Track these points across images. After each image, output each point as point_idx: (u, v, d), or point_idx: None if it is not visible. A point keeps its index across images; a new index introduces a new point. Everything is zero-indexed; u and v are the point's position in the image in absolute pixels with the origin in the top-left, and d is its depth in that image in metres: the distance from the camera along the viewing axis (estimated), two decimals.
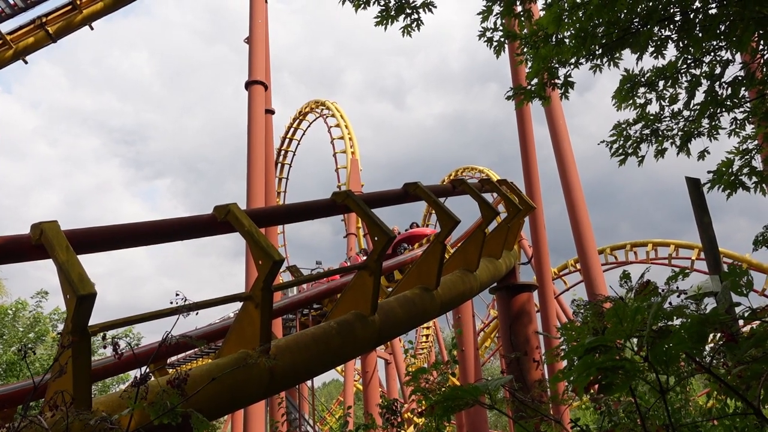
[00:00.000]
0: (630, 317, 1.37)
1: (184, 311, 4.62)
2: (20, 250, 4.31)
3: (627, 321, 1.37)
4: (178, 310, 4.47)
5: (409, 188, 7.69)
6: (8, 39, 19.55)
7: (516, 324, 11.33)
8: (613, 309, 1.40)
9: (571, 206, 17.15)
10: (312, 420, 23.97)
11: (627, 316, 1.37)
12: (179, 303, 2.27)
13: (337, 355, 6.22)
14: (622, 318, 1.37)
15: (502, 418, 49.79)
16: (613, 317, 1.38)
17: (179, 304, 2.28)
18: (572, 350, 1.42)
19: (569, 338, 1.58)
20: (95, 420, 1.85)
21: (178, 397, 2.00)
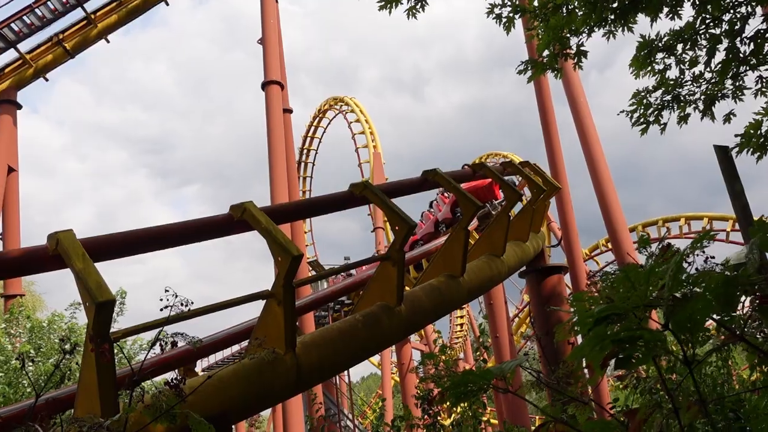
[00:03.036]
0: (643, 280, 1.23)
1: (204, 313, 4.60)
2: (38, 261, 4.31)
3: (640, 285, 1.24)
4: (198, 312, 4.45)
5: (428, 175, 7.57)
6: (28, 58, 19.85)
7: (547, 306, 11.14)
8: (624, 272, 1.27)
9: (598, 184, 16.85)
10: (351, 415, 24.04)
11: (640, 280, 1.24)
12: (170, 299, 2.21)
13: (365, 348, 6.15)
14: (635, 282, 1.24)
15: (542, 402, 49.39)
16: (624, 282, 1.26)
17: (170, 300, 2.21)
18: (580, 322, 1.29)
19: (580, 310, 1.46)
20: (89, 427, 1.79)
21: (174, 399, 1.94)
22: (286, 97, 21.19)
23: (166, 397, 1.95)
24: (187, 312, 4.41)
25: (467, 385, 1.60)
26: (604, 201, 16.61)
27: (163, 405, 1.92)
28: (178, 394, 1.98)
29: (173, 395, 1.97)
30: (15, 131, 19.93)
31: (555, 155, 17.77)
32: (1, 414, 4.67)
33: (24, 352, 10.67)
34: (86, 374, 3.83)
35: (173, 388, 1.99)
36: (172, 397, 1.96)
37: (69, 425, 1.87)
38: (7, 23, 19.18)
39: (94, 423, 1.78)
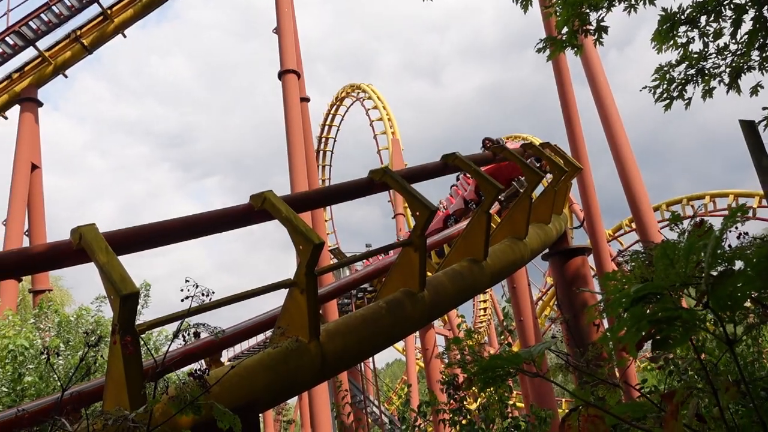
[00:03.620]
0: (683, 257, 1.17)
1: (228, 303, 4.61)
2: (62, 256, 4.34)
3: (679, 262, 1.18)
4: (221, 303, 4.46)
5: (448, 159, 7.50)
6: (47, 55, 20.03)
7: (572, 289, 11.03)
8: (662, 249, 1.21)
9: (620, 163, 16.58)
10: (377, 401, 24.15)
11: (680, 257, 1.17)
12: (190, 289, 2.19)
13: (389, 335, 6.13)
14: (674, 259, 1.18)
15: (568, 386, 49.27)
16: (662, 259, 1.20)
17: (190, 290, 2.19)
18: (615, 302, 1.24)
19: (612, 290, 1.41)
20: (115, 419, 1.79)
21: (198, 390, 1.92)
22: (303, 86, 21.15)
23: (191, 389, 1.94)
24: (210, 303, 4.41)
25: (495, 369, 1.56)
26: (627, 180, 16.37)
27: (187, 396, 1.91)
28: (202, 385, 1.97)
29: (197, 386, 1.96)
30: (37, 129, 20.16)
31: (575, 135, 17.52)
32: (27, 409, 4.72)
33: (49, 347, 10.82)
34: (113, 366, 3.86)
35: (197, 379, 1.98)
36: (197, 388, 1.95)
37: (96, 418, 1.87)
38: (25, 21, 19.35)
39: (119, 415, 1.78)
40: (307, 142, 19.94)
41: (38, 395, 9.95)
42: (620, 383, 2.73)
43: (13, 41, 19.71)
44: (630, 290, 1.19)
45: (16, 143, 19.53)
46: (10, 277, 10.22)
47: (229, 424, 1.97)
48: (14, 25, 19.37)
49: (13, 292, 17.48)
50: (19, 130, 19.70)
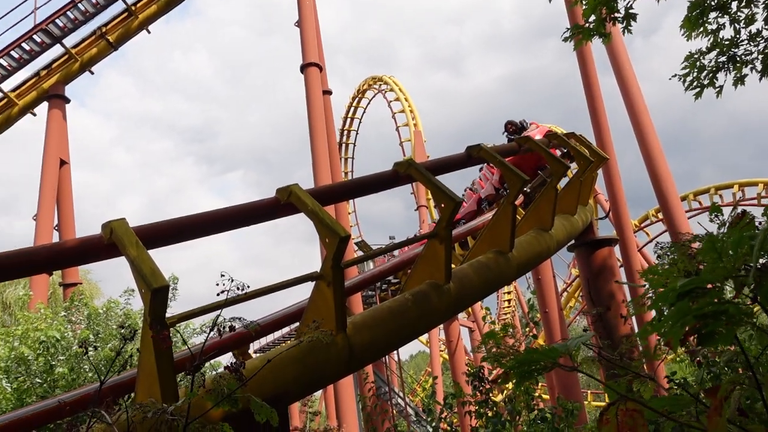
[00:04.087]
0: (732, 250, 1.15)
1: (256, 296, 4.64)
2: (94, 250, 4.40)
3: (728, 255, 1.15)
4: (251, 295, 4.49)
5: (472, 151, 7.46)
6: (73, 52, 20.30)
7: (598, 280, 10.93)
8: (709, 242, 1.18)
9: (647, 152, 16.36)
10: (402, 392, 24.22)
11: (727, 250, 1.15)
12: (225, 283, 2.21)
13: (415, 327, 6.14)
14: (722, 252, 1.15)
15: None
16: (709, 252, 1.17)
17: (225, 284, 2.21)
18: (661, 297, 1.22)
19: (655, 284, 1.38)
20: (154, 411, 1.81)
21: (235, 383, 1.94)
22: (325, 79, 21.18)
23: (227, 381, 1.96)
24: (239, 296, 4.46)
25: (532, 363, 1.55)
26: (654, 170, 16.15)
27: (224, 389, 1.93)
28: (238, 377, 1.99)
29: (233, 379, 1.98)
30: (65, 125, 20.47)
31: (600, 125, 17.33)
32: (64, 399, 4.82)
33: (86, 339, 11.00)
34: (145, 359, 3.92)
35: (233, 371, 2.00)
36: (233, 381, 1.97)
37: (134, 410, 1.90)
38: (51, 19, 19.62)
39: (157, 408, 1.80)
40: (329, 135, 20.00)
41: (69, 387, 10.13)
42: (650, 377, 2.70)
43: (41, 39, 20.00)
44: (676, 284, 1.17)
45: (45, 140, 19.85)
46: (43, 271, 10.43)
47: (266, 416, 1.99)
48: (41, 23, 19.66)
49: (44, 286, 17.83)
50: (47, 126, 20.02)
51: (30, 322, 11.30)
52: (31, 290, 16.88)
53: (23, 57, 20.13)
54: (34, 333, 10.79)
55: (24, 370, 10.49)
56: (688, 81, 5.34)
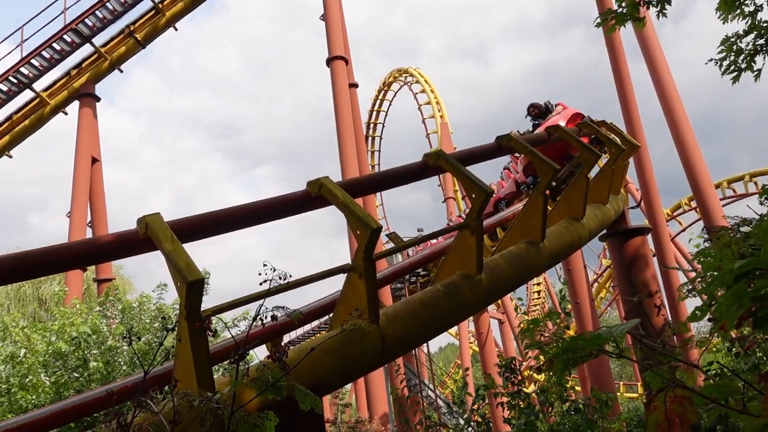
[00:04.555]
0: None
1: (289, 288, 4.66)
2: (130, 245, 4.46)
3: None
4: (282, 288, 4.52)
5: (502, 141, 7.40)
6: (102, 51, 20.61)
7: (632, 270, 10.78)
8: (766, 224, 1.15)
9: (679, 139, 16.07)
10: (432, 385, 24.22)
11: None
12: (268, 273, 2.22)
13: (447, 318, 6.11)
14: None
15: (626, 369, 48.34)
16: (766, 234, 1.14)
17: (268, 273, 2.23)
18: (717, 279, 1.19)
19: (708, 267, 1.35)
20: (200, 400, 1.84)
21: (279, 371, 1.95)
22: (351, 72, 21.20)
23: (271, 371, 1.98)
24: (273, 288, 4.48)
25: (577, 350, 1.53)
26: (687, 157, 15.86)
27: (269, 378, 1.95)
28: (282, 367, 2.00)
29: (277, 368, 2.00)
30: (96, 123, 20.81)
31: (631, 112, 17.07)
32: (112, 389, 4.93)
33: (128, 330, 11.18)
34: (181, 351, 3.97)
35: (276, 360, 2.02)
36: (277, 370, 1.99)
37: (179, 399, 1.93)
38: (81, 19, 19.94)
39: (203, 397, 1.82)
40: (356, 128, 20.02)
41: (104, 380, 10.32)
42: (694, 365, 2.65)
43: (71, 39, 20.34)
44: (733, 266, 1.14)
45: (77, 138, 20.21)
46: (84, 265, 10.64)
47: (311, 404, 2.00)
48: (71, 23, 19.99)
49: (78, 282, 18.19)
50: (78, 125, 20.39)
51: (66, 317, 11.54)
52: (66, 286, 17.23)
53: (54, 57, 20.51)
54: (70, 328, 11.01)
55: (61, 364, 10.72)
56: (725, 65, 5.21)
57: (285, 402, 2.27)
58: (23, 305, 30.66)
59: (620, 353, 1.61)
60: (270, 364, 2.05)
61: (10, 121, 21.03)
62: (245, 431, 1.83)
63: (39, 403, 9.80)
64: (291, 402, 2.37)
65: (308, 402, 2.01)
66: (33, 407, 9.67)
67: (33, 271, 4.19)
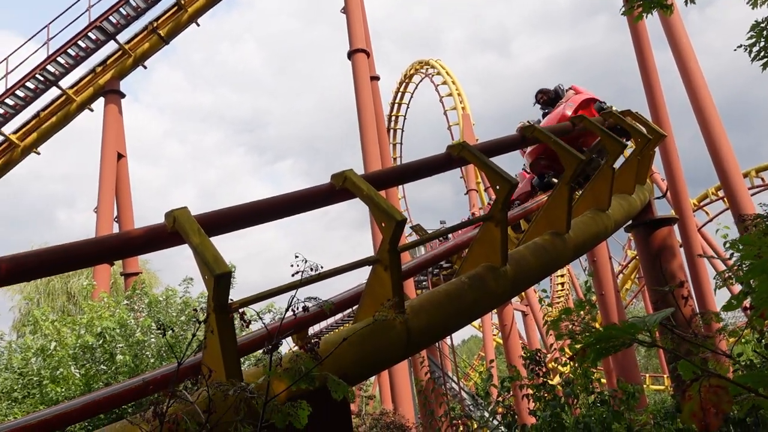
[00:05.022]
0: None
1: (315, 281, 4.69)
2: (159, 239, 4.51)
3: None
4: (309, 280, 4.54)
5: (526, 132, 7.34)
6: (126, 48, 20.85)
7: (658, 260, 10.65)
8: None
9: (706, 128, 15.81)
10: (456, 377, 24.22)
11: None
12: (299, 264, 2.24)
13: (473, 310, 6.10)
14: None
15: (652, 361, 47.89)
16: None
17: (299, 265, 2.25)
18: (757, 267, 1.18)
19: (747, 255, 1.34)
20: (234, 389, 1.86)
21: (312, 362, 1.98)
22: (373, 65, 21.18)
23: (303, 361, 2.00)
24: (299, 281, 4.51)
25: (610, 339, 1.52)
26: (714, 146, 15.60)
27: (302, 368, 1.97)
28: (315, 357, 2.03)
29: (309, 358, 2.02)
30: (121, 119, 21.08)
31: (656, 101, 16.84)
32: (146, 378, 5.03)
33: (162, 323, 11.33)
34: (209, 343, 4.01)
35: (309, 351, 2.04)
36: (309, 360, 2.01)
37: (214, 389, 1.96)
38: (105, 16, 20.18)
39: (239, 386, 1.85)
40: (378, 120, 20.02)
41: (132, 373, 10.47)
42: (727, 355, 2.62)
43: (95, 36, 20.60)
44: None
45: (102, 134, 20.50)
46: (115, 259, 10.80)
47: (343, 394, 2.02)
48: (95, 20, 20.24)
49: (106, 276, 18.48)
50: (104, 121, 20.67)
51: (94, 311, 11.74)
52: (94, 280, 17.52)
53: (79, 54, 20.79)
54: (98, 321, 11.20)
55: (89, 357, 10.92)
56: (755, 51, 5.11)
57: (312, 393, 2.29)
58: (52, 299, 31.29)
59: (653, 343, 1.60)
60: (302, 355, 2.07)
61: (37, 118, 21.38)
62: (279, 420, 1.86)
63: (69, 395, 9.99)
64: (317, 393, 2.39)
65: (341, 391, 2.03)
66: (63, 399, 9.87)
67: (67, 265, 4.26)
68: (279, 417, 1.86)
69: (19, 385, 10.78)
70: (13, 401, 10.54)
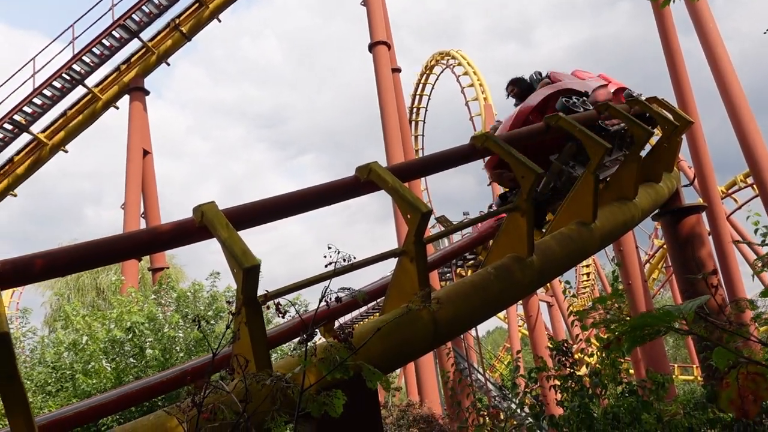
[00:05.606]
0: None
1: (341, 273, 4.71)
2: (188, 233, 4.56)
3: None
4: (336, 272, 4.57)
5: (550, 121, 7.26)
6: (150, 45, 21.07)
7: (687, 249, 10.51)
8: None
9: (734, 113, 15.53)
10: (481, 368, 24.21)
11: None
12: (333, 255, 2.26)
13: (499, 301, 6.09)
14: None
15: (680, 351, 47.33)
16: None
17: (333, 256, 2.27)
18: None
19: None
20: (271, 379, 1.89)
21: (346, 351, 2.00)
22: (394, 57, 21.14)
23: (338, 351, 2.03)
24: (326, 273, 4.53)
25: (645, 327, 1.51)
26: (742, 132, 15.32)
27: (336, 358, 2.00)
28: (349, 347, 2.05)
29: (344, 348, 2.04)
30: (146, 116, 21.34)
31: (682, 87, 16.59)
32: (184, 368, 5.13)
33: (198, 315, 11.46)
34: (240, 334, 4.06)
35: (343, 341, 2.06)
36: (343, 350, 2.03)
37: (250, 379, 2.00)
38: (128, 15, 20.40)
39: (275, 375, 1.88)
40: (400, 113, 20.00)
41: (161, 367, 10.63)
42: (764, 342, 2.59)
43: (119, 34, 20.84)
44: None
45: (128, 131, 20.78)
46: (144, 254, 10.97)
47: (378, 381, 2.04)
48: (119, 19, 20.47)
49: (134, 271, 18.77)
50: (129, 118, 20.94)
51: (123, 305, 11.93)
52: (122, 275, 17.80)
53: (104, 53, 21.06)
54: (128, 316, 11.39)
55: (119, 351, 11.11)
56: None
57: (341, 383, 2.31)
58: (82, 294, 31.88)
59: (690, 330, 1.59)
60: (336, 345, 2.09)
61: (64, 117, 21.72)
62: (315, 409, 1.89)
63: (101, 388, 10.19)
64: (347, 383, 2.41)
65: (376, 380, 2.05)
66: (95, 392, 10.06)
67: (100, 260, 4.35)
68: (315, 406, 1.89)
69: (52, 379, 11.02)
70: (47, 394, 10.78)
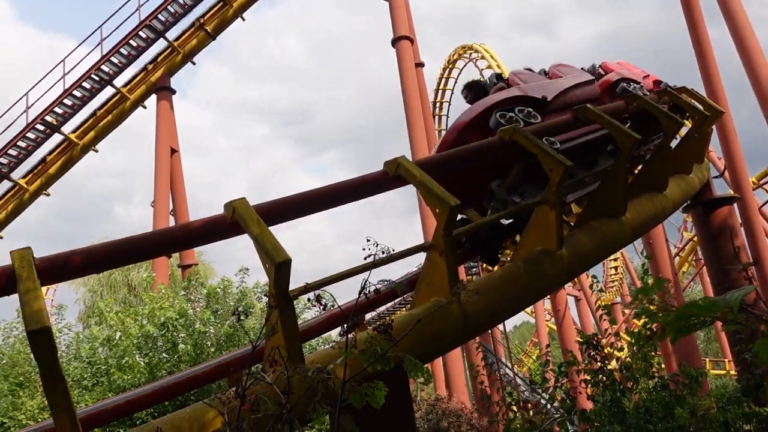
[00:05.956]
0: None
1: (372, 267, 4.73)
2: (219, 229, 4.61)
3: None
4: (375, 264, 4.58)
5: (578, 113, 7.20)
6: (175, 45, 21.31)
7: (719, 241, 10.35)
8: None
9: (765, 103, 15.23)
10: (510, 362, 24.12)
11: None
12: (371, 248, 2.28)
13: (528, 295, 6.07)
14: None
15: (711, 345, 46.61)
16: None
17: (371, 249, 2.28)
18: None
19: None
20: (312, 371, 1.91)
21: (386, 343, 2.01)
22: (417, 52, 21.09)
23: (378, 342, 2.04)
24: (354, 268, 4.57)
25: (690, 318, 1.50)
26: None
27: (377, 349, 2.02)
28: (389, 338, 2.07)
29: (384, 340, 2.06)
30: (173, 115, 21.60)
31: (711, 76, 16.30)
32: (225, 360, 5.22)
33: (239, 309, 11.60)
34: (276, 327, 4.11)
35: (383, 332, 2.08)
36: (384, 342, 2.05)
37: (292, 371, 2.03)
38: (155, 15, 20.64)
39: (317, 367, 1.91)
40: (424, 107, 19.98)
41: (193, 362, 10.77)
42: None
43: (146, 35, 21.11)
44: None
45: (156, 130, 21.06)
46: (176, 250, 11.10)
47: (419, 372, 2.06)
48: (145, 19, 20.73)
49: (164, 268, 19.03)
50: (157, 117, 21.22)
51: (154, 302, 12.11)
52: (153, 272, 18.05)
53: (131, 53, 21.34)
54: (159, 312, 11.56)
55: (152, 346, 11.29)
56: None
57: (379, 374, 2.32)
58: (114, 291, 32.44)
59: (735, 320, 1.57)
60: (377, 336, 2.11)
61: (94, 117, 22.08)
62: (356, 400, 1.91)
63: (135, 383, 10.36)
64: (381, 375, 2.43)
65: (417, 371, 2.06)
66: (130, 386, 10.24)
67: (135, 256, 4.42)
68: (357, 397, 1.91)
69: (88, 374, 11.25)
70: (83, 389, 11.01)
